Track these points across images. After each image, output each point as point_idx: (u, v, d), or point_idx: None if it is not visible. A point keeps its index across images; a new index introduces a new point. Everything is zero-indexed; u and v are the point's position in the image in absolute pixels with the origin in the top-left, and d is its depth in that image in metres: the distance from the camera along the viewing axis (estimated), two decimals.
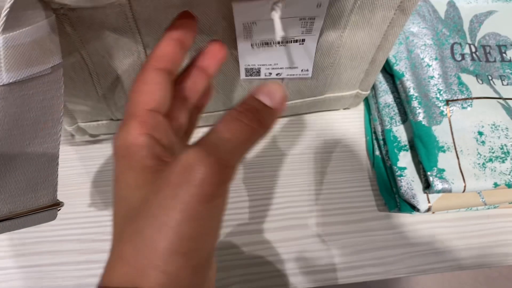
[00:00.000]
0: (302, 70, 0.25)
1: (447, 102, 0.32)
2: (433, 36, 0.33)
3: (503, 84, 0.34)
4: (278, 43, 0.22)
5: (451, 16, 0.35)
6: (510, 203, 0.33)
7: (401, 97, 0.33)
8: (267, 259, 0.32)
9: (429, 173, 0.31)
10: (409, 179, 0.32)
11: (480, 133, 0.32)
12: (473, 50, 0.34)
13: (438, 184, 0.30)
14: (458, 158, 0.31)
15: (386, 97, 0.34)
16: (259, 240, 0.33)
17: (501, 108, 0.33)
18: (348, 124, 0.37)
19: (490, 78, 0.34)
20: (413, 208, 0.32)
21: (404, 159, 0.33)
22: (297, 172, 0.35)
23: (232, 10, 0.20)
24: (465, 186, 0.31)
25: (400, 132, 0.33)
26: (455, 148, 0.31)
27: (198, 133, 0.19)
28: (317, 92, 0.32)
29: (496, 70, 0.34)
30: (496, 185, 0.31)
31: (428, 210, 0.32)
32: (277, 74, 0.25)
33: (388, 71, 0.35)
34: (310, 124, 0.37)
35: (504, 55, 0.34)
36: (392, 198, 0.33)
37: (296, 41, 0.22)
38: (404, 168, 0.32)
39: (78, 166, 0.35)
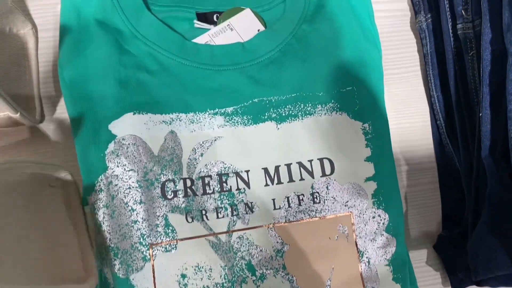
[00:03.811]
0: None
1: (151, 246, 0.33)
2: (139, 178, 0.33)
3: (218, 217, 0.34)
4: None
5: (168, 148, 0.34)
6: None
7: None
8: None
9: None
10: None
11: (183, 276, 0.33)
12: (189, 184, 0.34)
13: None
14: None
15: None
16: None
17: (208, 246, 0.34)
18: None
19: (204, 213, 0.34)
20: None
21: None
22: None
23: None
24: None
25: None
26: None
27: None
28: None
29: (213, 203, 0.34)
30: None
31: None
32: None
33: None
34: None
35: (224, 184, 0.35)
36: None
37: None
38: None
39: None
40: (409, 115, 0.42)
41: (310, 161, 0.35)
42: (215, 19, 0.39)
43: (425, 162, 0.42)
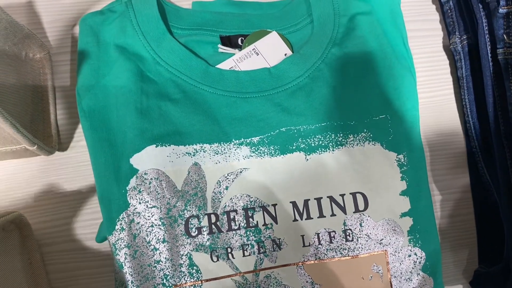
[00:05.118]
0: None
1: None
2: (162, 215, 0.31)
3: (244, 255, 0.32)
4: None
5: (192, 182, 0.33)
6: None
7: None
8: None
9: None
10: None
11: None
12: (213, 220, 0.32)
13: None
14: None
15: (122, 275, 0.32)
16: None
17: (234, 287, 0.32)
18: None
19: (229, 251, 0.32)
20: None
21: None
22: None
23: None
24: None
25: None
26: None
27: None
28: None
29: (238, 239, 0.33)
30: None
31: None
32: None
33: None
34: None
35: (250, 219, 0.33)
36: None
37: None
38: None
39: None
40: (442, 141, 0.40)
41: (342, 195, 0.33)
42: (239, 42, 0.37)
43: (460, 192, 0.39)
